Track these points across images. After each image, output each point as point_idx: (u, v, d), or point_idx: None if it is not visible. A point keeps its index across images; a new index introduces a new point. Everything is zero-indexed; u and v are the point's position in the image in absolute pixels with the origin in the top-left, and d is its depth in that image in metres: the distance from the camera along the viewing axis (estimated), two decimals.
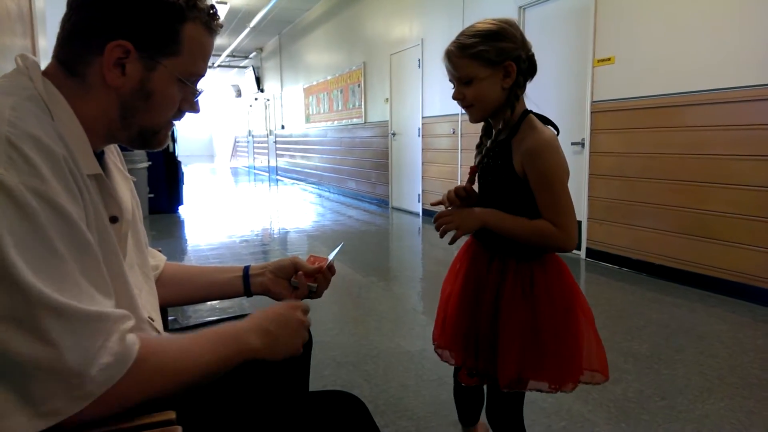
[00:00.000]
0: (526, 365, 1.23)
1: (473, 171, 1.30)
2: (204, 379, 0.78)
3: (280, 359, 0.87)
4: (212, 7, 0.84)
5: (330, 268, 1.14)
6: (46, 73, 0.78)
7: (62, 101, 0.76)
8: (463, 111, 1.29)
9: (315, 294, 1.13)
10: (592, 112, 4.25)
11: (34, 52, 3.03)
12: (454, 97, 1.26)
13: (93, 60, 0.77)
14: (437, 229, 1.26)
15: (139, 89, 0.80)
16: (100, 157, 0.85)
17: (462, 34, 1.23)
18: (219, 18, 0.86)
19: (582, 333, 1.27)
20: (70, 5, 0.79)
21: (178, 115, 0.88)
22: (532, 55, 1.24)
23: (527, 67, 1.23)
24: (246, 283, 1.14)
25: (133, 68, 0.78)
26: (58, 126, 0.72)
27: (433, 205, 1.40)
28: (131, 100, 0.80)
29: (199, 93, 0.88)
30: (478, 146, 1.35)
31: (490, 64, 1.19)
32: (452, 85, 1.28)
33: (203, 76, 0.87)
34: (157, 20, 0.78)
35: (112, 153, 0.94)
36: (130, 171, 1.00)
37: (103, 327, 0.66)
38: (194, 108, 0.89)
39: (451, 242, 1.26)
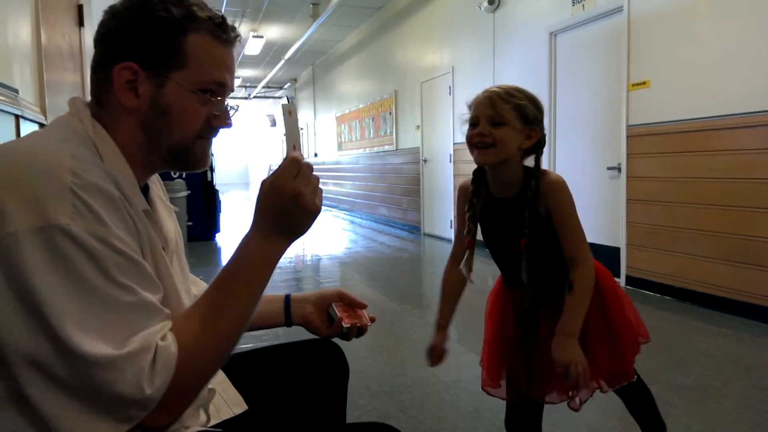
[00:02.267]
0: (620, 357, 1.39)
1: (524, 244, 1.35)
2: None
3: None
4: (219, 17, 0.83)
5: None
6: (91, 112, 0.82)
7: (109, 141, 0.80)
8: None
9: (344, 336, 1.12)
10: (628, 137, 4.19)
11: (83, 87, 3.17)
12: (479, 132, 1.32)
13: (111, 88, 0.80)
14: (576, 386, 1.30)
15: (154, 107, 0.81)
16: (145, 192, 0.88)
17: (504, 86, 1.34)
18: (229, 27, 0.85)
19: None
20: (94, 43, 0.84)
21: (210, 132, 0.87)
22: (545, 135, 1.38)
23: (542, 142, 1.37)
24: (287, 314, 1.14)
25: (144, 88, 0.80)
26: (109, 167, 0.76)
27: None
28: (151, 119, 0.82)
29: (228, 106, 0.87)
30: (472, 207, 1.44)
31: (524, 121, 1.31)
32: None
33: (225, 86, 0.85)
34: (156, 36, 0.79)
35: (156, 185, 0.97)
36: (171, 200, 1.02)
37: (148, 347, 0.70)
38: (225, 122, 0.88)
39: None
